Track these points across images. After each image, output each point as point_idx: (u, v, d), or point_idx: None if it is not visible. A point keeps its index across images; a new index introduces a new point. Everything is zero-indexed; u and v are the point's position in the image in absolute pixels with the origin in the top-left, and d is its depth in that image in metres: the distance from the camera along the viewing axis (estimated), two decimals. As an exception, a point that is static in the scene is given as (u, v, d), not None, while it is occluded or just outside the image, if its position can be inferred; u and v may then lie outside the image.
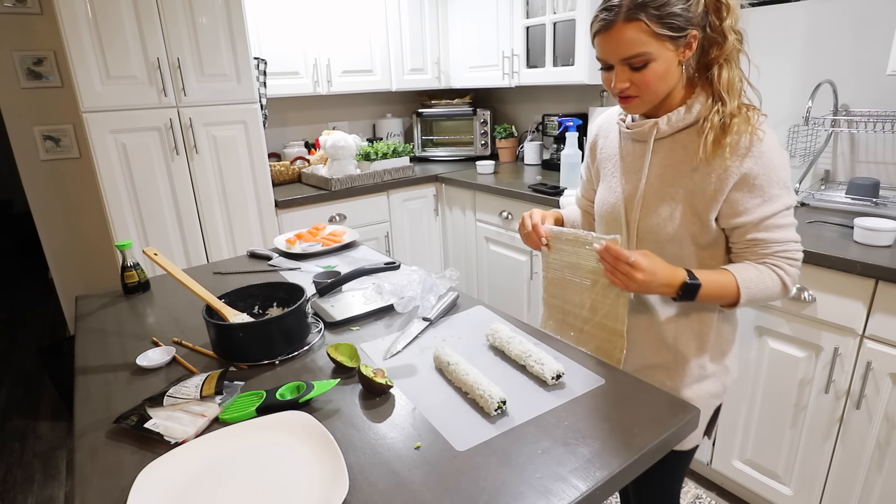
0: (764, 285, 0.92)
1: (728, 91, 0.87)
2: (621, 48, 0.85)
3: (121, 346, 1.07)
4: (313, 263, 1.51)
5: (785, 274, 0.92)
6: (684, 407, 0.79)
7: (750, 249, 0.93)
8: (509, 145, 3.00)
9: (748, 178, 0.87)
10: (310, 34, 2.51)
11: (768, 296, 0.93)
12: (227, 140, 2.13)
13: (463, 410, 0.80)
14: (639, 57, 0.85)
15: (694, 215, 0.93)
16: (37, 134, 2.38)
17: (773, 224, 0.90)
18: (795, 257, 0.93)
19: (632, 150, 1.01)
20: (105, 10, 1.80)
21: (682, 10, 0.82)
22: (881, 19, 1.58)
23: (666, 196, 0.95)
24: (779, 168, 0.88)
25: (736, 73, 0.88)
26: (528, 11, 2.47)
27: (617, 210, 1.02)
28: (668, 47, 0.85)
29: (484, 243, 2.59)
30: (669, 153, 0.95)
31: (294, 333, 1.01)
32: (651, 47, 0.84)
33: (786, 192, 0.89)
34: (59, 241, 2.53)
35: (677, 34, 0.84)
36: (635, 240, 1.00)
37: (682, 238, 0.95)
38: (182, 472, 0.68)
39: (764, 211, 0.89)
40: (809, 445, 1.46)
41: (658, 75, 0.87)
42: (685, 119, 0.92)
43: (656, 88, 0.88)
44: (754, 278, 0.91)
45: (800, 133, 1.71)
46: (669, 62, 0.86)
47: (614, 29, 0.84)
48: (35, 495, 1.97)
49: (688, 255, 0.96)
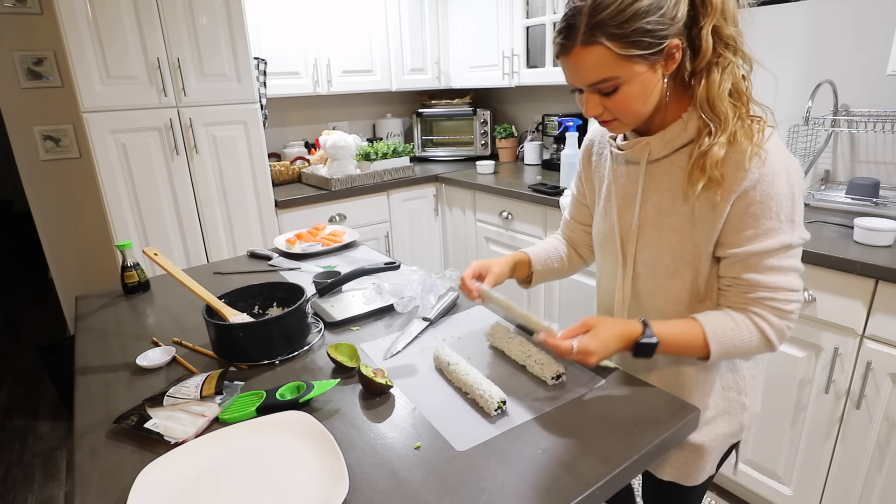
0: (740, 339, 0.78)
1: (711, 106, 0.74)
2: (583, 74, 0.74)
3: (121, 346, 1.07)
4: (313, 263, 1.51)
5: (769, 326, 0.78)
6: (684, 407, 0.79)
7: (732, 290, 0.80)
8: (509, 145, 3.00)
9: (741, 204, 0.74)
10: (310, 34, 2.51)
11: (747, 350, 0.80)
12: (227, 140, 2.13)
13: (463, 410, 0.80)
14: (605, 82, 0.73)
15: (696, 247, 0.81)
16: (37, 134, 2.38)
17: (763, 264, 0.76)
18: (786, 308, 0.78)
19: (625, 172, 0.89)
20: (105, 10, 1.80)
21: (655, 24, 0.69)
22: (881, 19, 1.58)
23: (664, 227, 0.83)
24: (780, 197, 0.73)
25: (723, 85, 0.73)
26: (528, 11, 2.47)
27: (613, 242, 0.92)
28: (640, 66, 0.71)
29: (484, 243, 2.58)
30: (666, 175, 0.82)
31: (294, 333, 1.01)
32: (618, 70, 0.71)
33: (787, 227, 0.74)
34: (59, 241, 2.53)
35: (649, 51, 0.70)
36: (632, 274, 0.90)
37: (684, 274, 0.83)
38: (182, 472, 0.68)
39: (754, 246, 0.75)
40: (809, 445, 1.46)
41: (632, 98, 0.74)
42: (681, 137, 0.79)
43: (634, 110, 0.76)
44: (728, 331, 0.78)
45: (800, 133, 1.71)
46: (645, 81, 0.73)
47: (572, 54, 0.72)
48: (35, 495, 1.97)
49: (689, 293, 0.84)
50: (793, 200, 0.74)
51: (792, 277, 0.77)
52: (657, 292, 0.88)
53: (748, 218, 0.75)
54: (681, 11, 0.70)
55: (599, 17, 0.69)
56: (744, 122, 0.74)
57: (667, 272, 0.85)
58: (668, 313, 0.87)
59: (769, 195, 0.73)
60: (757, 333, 0.78)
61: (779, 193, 0.73)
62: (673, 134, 0.80)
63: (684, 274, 0.83)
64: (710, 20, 0.72)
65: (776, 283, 0.76)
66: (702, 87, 0.74)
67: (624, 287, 0.92)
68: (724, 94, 0.73)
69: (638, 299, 0.91)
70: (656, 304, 0.89)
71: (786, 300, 0.77)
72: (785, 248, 0.75)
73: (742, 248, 0.76)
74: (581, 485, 0.64)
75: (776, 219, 0.74)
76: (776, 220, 0.74)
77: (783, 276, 0.76)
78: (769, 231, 0.74)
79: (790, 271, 0.77)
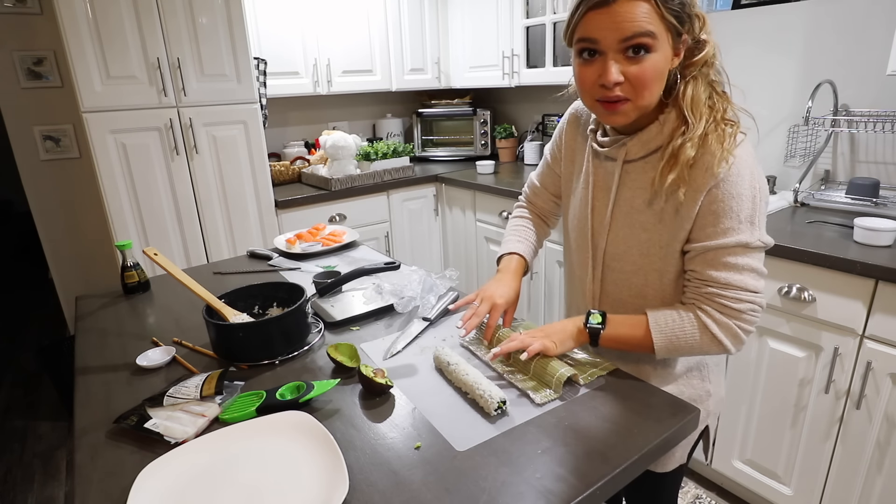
0: (682, 331, 0.80)
1: (692, 110, 0.76)
2: (626, 24, 0.70)
3: (121, 346, 1.07)
4: (313, 263, 1.51)
5: (712, 322, 0.78)
6: (684, 407, 0.79)
7: (690, 285, 0.82)
8: (509, 145, 3.00)
9: (706, 201, 0.77)
10: (310, 34, 2.51)
11: (694, 345, 0.80)
12: (227, 140, 2.13)
13: (463, 410, 0.80)
14: (645, 37, 0.70)
15: (662, 247, 0.84)
16: (37, 134, 2.38)
17: (719, 260, 0.77)
18: (735, 307, 0.77)
19: (602, 166, 0.91)
20: (105, 10, 1.80)
21: (689, 7, 0.72)
22: (881, 19, 1.58)
23: (636, 224, 0.85)
24: (742, 198, 0.75)
25: (703, 91, 0.77)
26: (528, 11, 2.47)
27: (585, 232, 0.94)
28: (668, 40, 0.73)
29: (484, 243, 2.59)
30: (641, 175, 0.84)
31: (294, 333, 1.01)
32: (658, 29, 0.70)
33: (746, 228, 0.76)
34: (59, 241, 2.53)
35: (680, 26, 0.73)
36: (601, 268, 0.93)
37: (647, 271, 0.87)
38: (182, 472, 0.68)
39: (711, 242, 0.77)
40: (809, 445, 1.46)
41: (657, 71, 0.73)
42: (657, 139, 0.81)
43: (652, 88, 0.75)
44: (671, 322, 0.80)
45: (800, 133, 1.71)
46: (666, 58, 0.74)
47: (616, 4, 0.69)
48: (35, 495, 1.97)
49: (652, 289, 0.88)
50: (754, 203, 0.76)
51: (747, 277, 0.78)
52: (622, 285, 0.91)
53: (710, 215, 0.77)
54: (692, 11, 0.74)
55: None
56: (718, 126, 0.76)
57: (633, 268, 0.88)
58: (630, 306, 0.91)
59: (731, 195, 0.76)
60: (699, 328, 0.80)
61: (740, 194, 0.76)
62: (650, 136, 0.82)
63: (648, 272, 0.87)
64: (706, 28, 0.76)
65: (727, 279, 0.78)
66: (688, 90, 0.77)
67: (594, 278, 0.95)
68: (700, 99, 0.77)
69: (605, 290, 0.95)
70: (620, 295, 0.92)
71: (735, 298, 0.78)
72: (741, 247, 0.77)
73: (701, 243, 0.79)
74: (581, 485, 0.64)
75: (735, 218, 0.76)
76: (735, 220, 0.76)
77: (737, 275, 0.78)
78: (728, 230, 0.77)
79: (746, 270, 0.78)
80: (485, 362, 0.93)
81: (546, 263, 2.27)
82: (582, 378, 0.85)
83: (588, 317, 0.87)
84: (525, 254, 1.08)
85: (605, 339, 0.86)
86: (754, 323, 0.80)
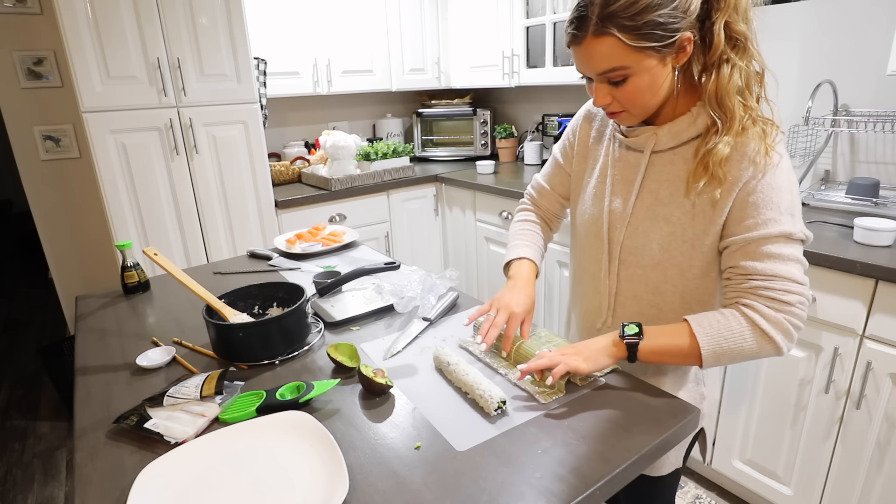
0: (729, 331, 0.74)
1: (719, 101, 0.74)
2: (594, 63, 0.74)
3: (121, 346, 1.07)
4: (313, 263, 1.51)
5: (760, 318, 0.73)
6: (684, 407, 0.79)
7: (731, 283, 0.78)
8: (509, 145, 3.00)
9: (743, 194, 0.75)
10: (310, 34, 2.51)
11: (743, 347, 0.74)
12: (227, 140, 2.13)
13: (463, 410, 0.80)
14: (615, 72, 0.73)
15: (686, 242, 0.81)
16: (37, 134, 2.38)
17: (761, 251, 0.74)
18: (783, 299, 0.73)
19: (624, 157, 0.89)
20: (105, 10, 1.80)
21: (667, 17, 0.69)
22: (881, 19, 1.58)
23: (658, 216, 0.83)
24: (781, 189, 0.74)
25: (732, 81, 0.73)
26: (528, 11, 2.47)
27: (599, 225, 0.91)
28: (651, 59, 0.72)
29: (484, 243, 2.59)
30: (668, 166, 0.82)
31: (294, 333, 1.01)
32: (628, 60, 0.72)
33: (787, 219, 0.74)
34: (59, 241, 2.53)
35: (660, 43, 0.71)
36: (617, 263, 0.89)
37: (666, 266, 0.84)
38: (182, 472, 0.68)
39: (753, 232, 0.74)
40: (809, 445, 1.46)
41: (641, 89, 0.75)
42: (689, 130, 0.79)
43: (642, 102, 0.77)
44: (715, 322, 0.75)
45: (800, 133, 1.71)
46: (655, 73, 0.74)
47: (584, 44, 0.73)
48: (35, 495, 1.97)
49: (671, 285, 0.85)
50: (792, 196, 0.75)
51: (792, 267, 0.74)
52: (638, 280, 0.88)
53: (749, 207, 0.75)
54: (694, 4, 0.71)
55: (611, 9, 0.69)
56: (755, 122, 0.75)
57: (651, 262, 0.85)
58: (644, 303, 0.89)
59: (771, 186, 0.74)
60: (748, 325, 0.74)
61: (780, 185, 0.74)
62: (681, 127, 0.80)
63: (668, 268, 0.84)
64: (723, 15, 0.72)
65: (773, 270, 0.74)
66: (711, 82, 0.74)
67: (610, 272, 0.92)
68: (732, 91, 0.73)
69: (620, 286, 0.92)
70: (636, 292, 0.89)
71: (783, 290, 0.73)
72: (784, 237, 0.74)
73: (741, 235, 0.76)
74: (581, 485, 0.64)
75: (776, 209, 0.74)
76: (776, 211, 0.74)
77: (782, 265, 0.74)
78: (769, 220, 0.74)
79: (791, 261, 0.74)
80: (486, 363, 0.93)
81: (546, 263, 2.27)
82: (581, 379, 0.85)
83: (623, 329, 0.80)
84: (535, 258, 1.04)
85: (643, 351, 0.78)
86: (803, 318, 0.74)
